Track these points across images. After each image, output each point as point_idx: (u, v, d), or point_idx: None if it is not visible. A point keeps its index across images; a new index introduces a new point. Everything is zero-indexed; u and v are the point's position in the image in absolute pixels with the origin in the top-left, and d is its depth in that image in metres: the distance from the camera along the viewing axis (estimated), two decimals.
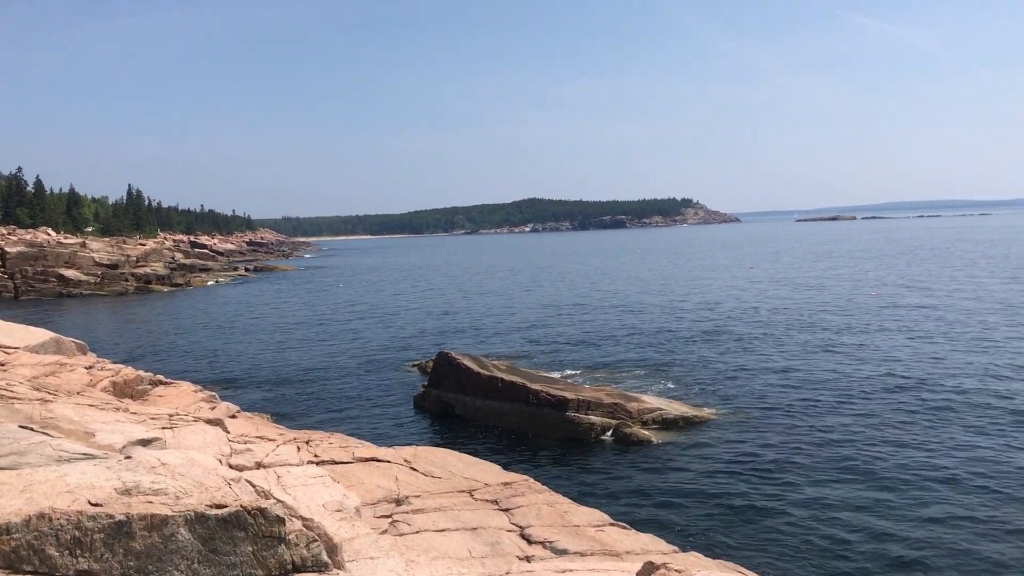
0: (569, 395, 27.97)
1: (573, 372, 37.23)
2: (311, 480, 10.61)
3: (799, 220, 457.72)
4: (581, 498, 17.19)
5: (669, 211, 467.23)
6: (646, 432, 26.57)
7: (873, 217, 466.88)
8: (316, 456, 12.79)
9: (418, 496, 11.58)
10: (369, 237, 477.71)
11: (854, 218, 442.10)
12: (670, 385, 33.90)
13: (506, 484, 12.66)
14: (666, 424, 27.34)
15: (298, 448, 13.03)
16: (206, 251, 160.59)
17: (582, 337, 47.85)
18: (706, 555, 12.03)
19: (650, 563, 6.01)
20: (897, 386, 31.68)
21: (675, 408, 28.59)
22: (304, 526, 5.13)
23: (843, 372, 34.72)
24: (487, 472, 13.38)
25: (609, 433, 26.65)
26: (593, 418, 27.05)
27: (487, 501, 11.79)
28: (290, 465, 11.55)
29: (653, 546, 11.04)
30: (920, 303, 56.46)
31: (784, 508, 19.85)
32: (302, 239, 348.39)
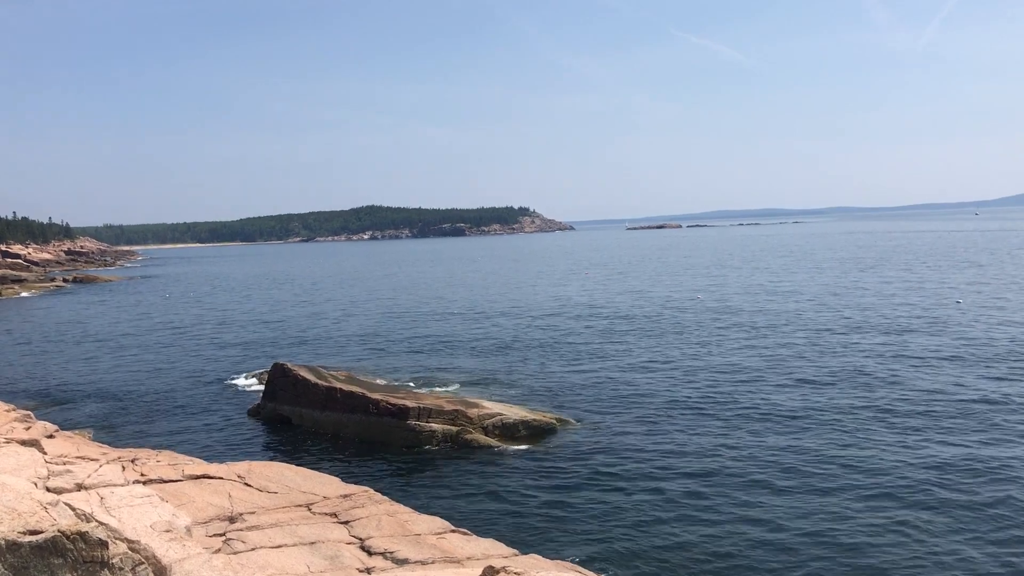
0: (410, 403, 27.84)
1: (415, 380, 37.10)
2: (137, 500, 10.09)
3: (629, 228, 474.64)
4: (423, 507, 17.15)
5: (507, 219, 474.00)
6: (487, 438, 26.79)
7: (698, 225, 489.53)
8: (143, 475, 12.17)
9: (253, 512, 11.23)
10: (199, 245, 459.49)
11: (680, 226, 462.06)
12: (512, 391, 34.33)
13: (345, 496, 12.47)
14: (507, 429, 27.63)
15: (123, 468, 12.36)
16: (19, 261, 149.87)
17: (424, 345, 47.75)
18: (546, 557, 12.28)
19: (490, 567, 6.08)
20: (727, 387, 33.33)
21: (515, 413, 28.94)
22: (130, 549, 4.89)
23: (677, 375, 36.21)
24: (326, 485, 13.14)
25: (450, 440, 26.70)
26: (434, 426, 27.04)
27: (326, 514, 11.58)
28: (114, 485, 10.94)
29: (494, 550, 11.16)
30: (741, 306, 59.62)
31: (622, 508, 20.47)
32: (126, 248, 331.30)
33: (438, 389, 34.59)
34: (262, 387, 33.88)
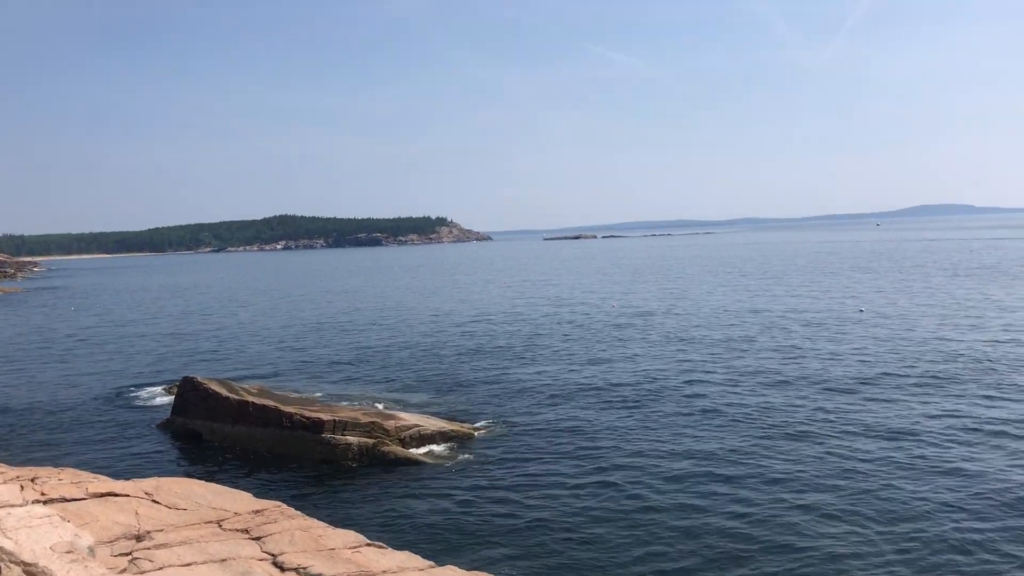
0: (324, 416, 27.45)
1: (331, 392, 36.60)
2: (36, 521, 9.70)
3: (546, 239, 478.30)
4: (337, 521, 16.92)
5: (425, 229, 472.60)
6: (404, 450, 26.61)
7: (612, 236, 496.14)
8: (43, 495, 11.71)
9: (161, 530, 10.92)
10: (106, 256, 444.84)
11: (595, 237, 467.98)
12: (431, 401, 34.19)
13: (257, 512, 12.23)
14: (425, 440, 27.49)
15: (21, 487, 11.87)
16: None
17: (342, 356, 47.19)
18: (463, 568, 12.25)
19: None
20: (642, 391, 33.82)
21: (434, 424, 28.83)
22: (26, 572, 4.70)
23: (594, 381, 36.58)
24: (237, 500, 12.86)
25: (366, 453, 26.43)
26: (350, 438, 26.72)
27: (237, 531, 11.33)
28: (11, 506, 10.49)
29: (410, 563, 11.09)
30: (653, 312, 60.66)
31: (539, 516, 20.56)
32: (28, 259, 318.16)
33: (355, 401, 34.21)
34: (172, 401, 32.97)
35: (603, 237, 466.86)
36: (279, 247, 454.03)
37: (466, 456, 26.16)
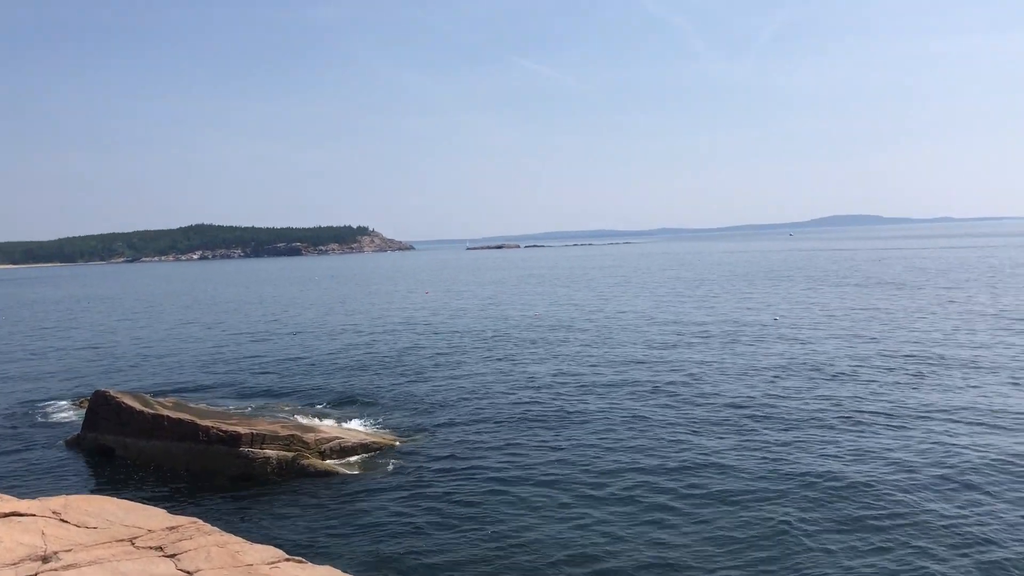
0: (242, 429, 26.91)
1: (251, 405, 35.89)
2: None
3: (469, 248, 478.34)
4: (256, 536, 16.62)
5: (345, 238, 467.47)
6: (325, 463, 26.27)
7: (536, 245, 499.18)
8: None
9: (69, 550, 10.56)
10: (11, 267, 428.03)
11: (518, 246, 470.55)
12: (352, 412, 33.83)
13: (172, 528, 11.92)
14: (346, 452, 27.19)
15: None
16: None
17: (262, 368, 46.34)
18: None
19: None
20: (564, 398, 34.05)
21: (354, 436, 28.55)
22: None
23: (517, 389, 36.69)
24: (150, 517, 12.51)
25: (286, 467, 25.99)
26: (269, 452, 26.25)
27: (151, 548, 11.03)
28: None
29: None
30: (575, 320, 61.21)
31: (461, 526, 20.53)
32: None
33: (274, 414, 33.61)
34: (82, 416, 31.90)
35: (526, 247, 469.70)
36: (196, 257, 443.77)
37: (388, 467, 25.96)
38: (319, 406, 35.46)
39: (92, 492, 21.20)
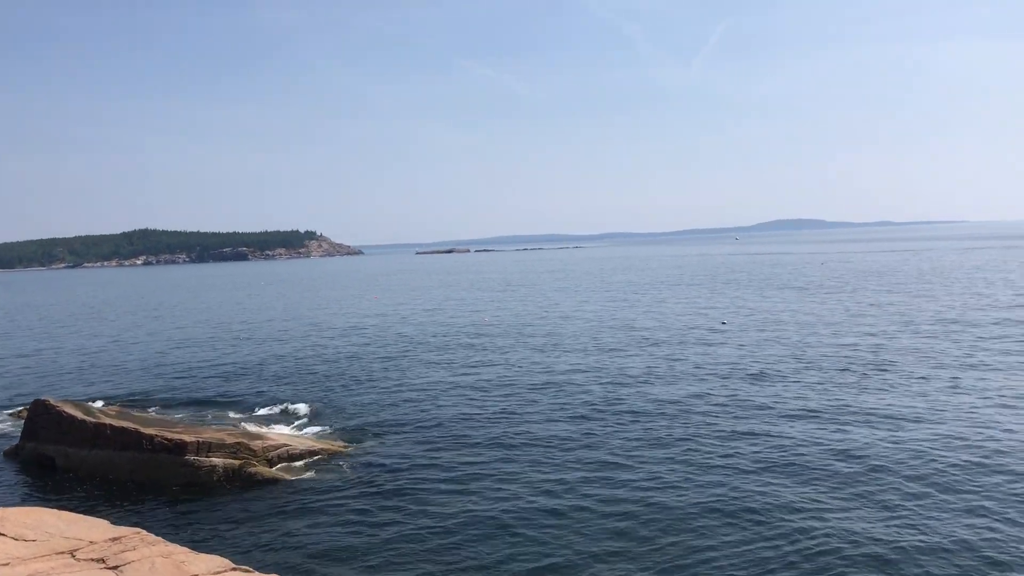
0: (187, 438, 26.47)
1: (196, 412, 35.31)
2: None
3: (419, 253, 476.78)
4: (202, 546, 16.38)
5: (293, 243, 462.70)
6: (272, 470, 25.96)
7: (485, 250, 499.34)
8: None
9: (7, 564, 10.28)
10: None
11: (468, 251, 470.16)
12: (300, 418, 33.51)
13: (115, 539, 11.68)
14: (294, 459, 26.92)
15: None
16: None
17: (208, 374, 45.61)
18: None
19: None
20: (513, 401, 34.08)
21: (302, 443, 28.26)
22: None
23: (466, 393, 36.62)
24: (92, 528, 12.25)
25: (233, 475, 25.63)
26: (215, 460, 25.86)
27: (92, 560, 10.80)
28: None
29: None
30: (525, 324, 61.32)
31: (413, 532, 20.43)
32: None
33: (221, 421, 33.13)
34: (21, 426, 31.08)
35: (476, 251, 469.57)
36: (139, 262, 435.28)
37: (336, 473, 25.74)
38: (266, 413, 35.03)
39: (31, 504, 20.64)
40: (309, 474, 25.89)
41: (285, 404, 36.42)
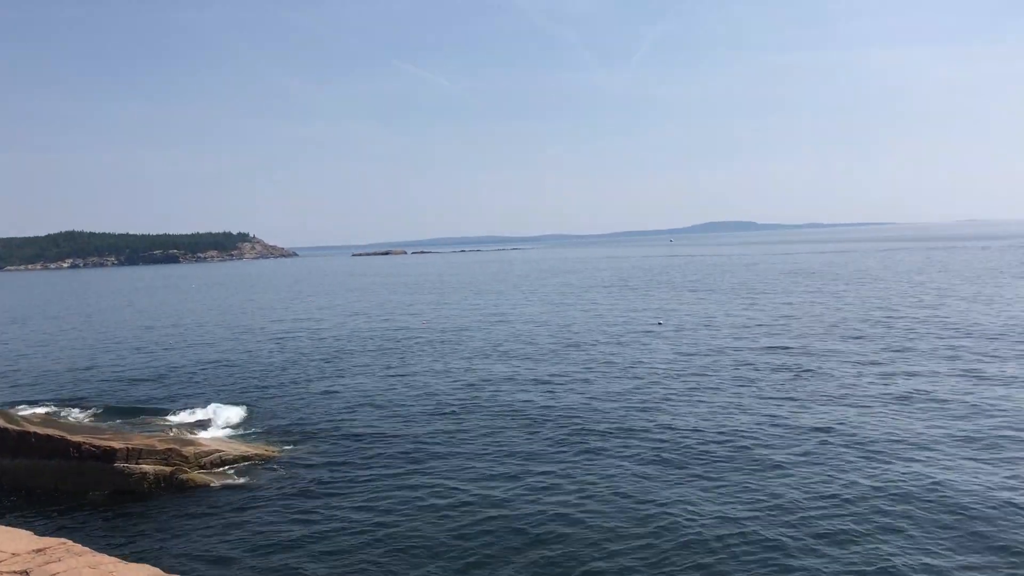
0: (117, 444, 25.83)
1: (127, 418, 34.47)
2: None
3: (355, 255, 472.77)
4: (132, 555, 16.00)
5: (225, 245, 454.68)
6: (205, 477, 25.49)
7: (423, 252, 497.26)
8: None
9: None
10: None
11: (405, 252, 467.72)
12: (234, 423, 32.95)
13: (39, 551, 11.33)
14: (226, 465, 26.47)
15: None
16: None
17: (138, 377, 44.59)
18: None
19: None
20: (448, 405, 34.01)
21: (236, 448, 27.80)
22: None
23: (404, 398, 36.40)
24: (15, 540, 11.86)
25: (164, 482, 25.09)
26: (145, 467, 25.29)
27: (15, 573, 10.46)
28: None
29: None
30: (461, 327, 61.28)
31: (348, 538, 20.25)
32: None
33: (151, 427, 32.40)
34: None
35: (413, 253, 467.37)
36: (66, 265, 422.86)
37: (270, 478, 25.38)
38: (198, 418, 34.34)
39: None
40: (242, 479, 25.48)
41: (218, 408, 35.75)
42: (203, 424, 33.08)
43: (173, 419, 34.19)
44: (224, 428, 32.34)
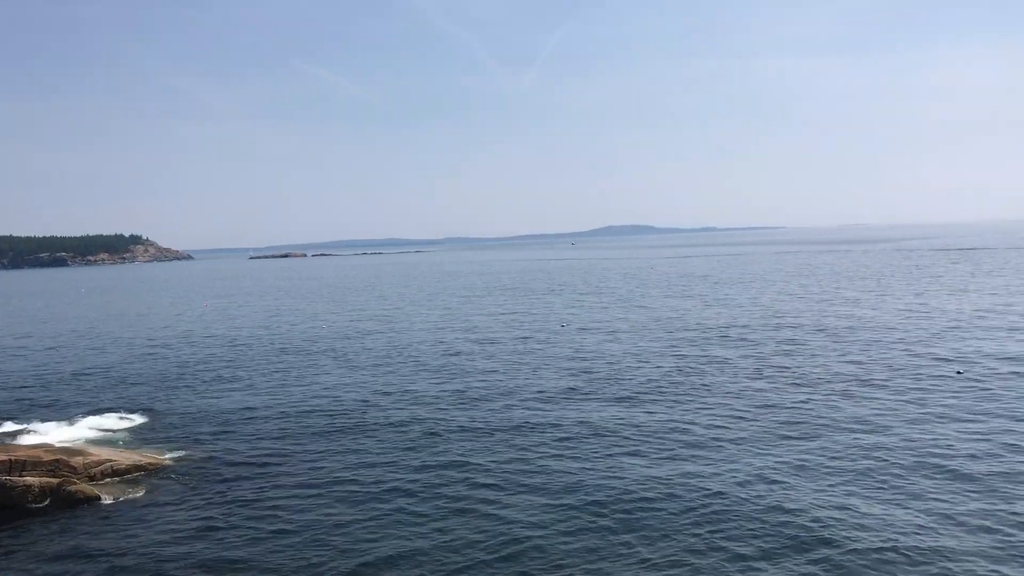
0: None
1: (10, 428, 32.83)
2: None
3: (252, 257, 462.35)
4: (15, 570, 15.31)
5: (117, 247, 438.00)
6: (95, 488, 24.54)
7: (323, 254, 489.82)
8: None
9: None
10: None
11: (305, 255, 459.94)
12: (125, 432, 31.89)
13: None
14: (118, 475, 25.56)
15: None
16: None
17: (22, 385, 42.67)
18: None
19: None
20: (354, 410, 33.63)
21: (128, 457, 26.87)
22: None
23: (299, 403, 35.81)
24: None
25: (51, 494, 24.03)
26: (30, 479, 24.17)
27: None
28: None
29: None
30: (364, 331, 60.59)
31: (239, 545, 19.83)
32: None
33: (37, 436, 30.99)
34: None
35: (313, 256, 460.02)
36: None
37: (164, 488, 24.64)
38: (88, 427, 33.06)
39: None
40: (135, 490, 24.65)
41: (109, 417, 34.52)
42: (94, 434, 31.86)
43: (60, 429, 32.79)
44: (116, 437, 31.22)
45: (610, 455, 26.27)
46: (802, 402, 32.64)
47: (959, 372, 36.83)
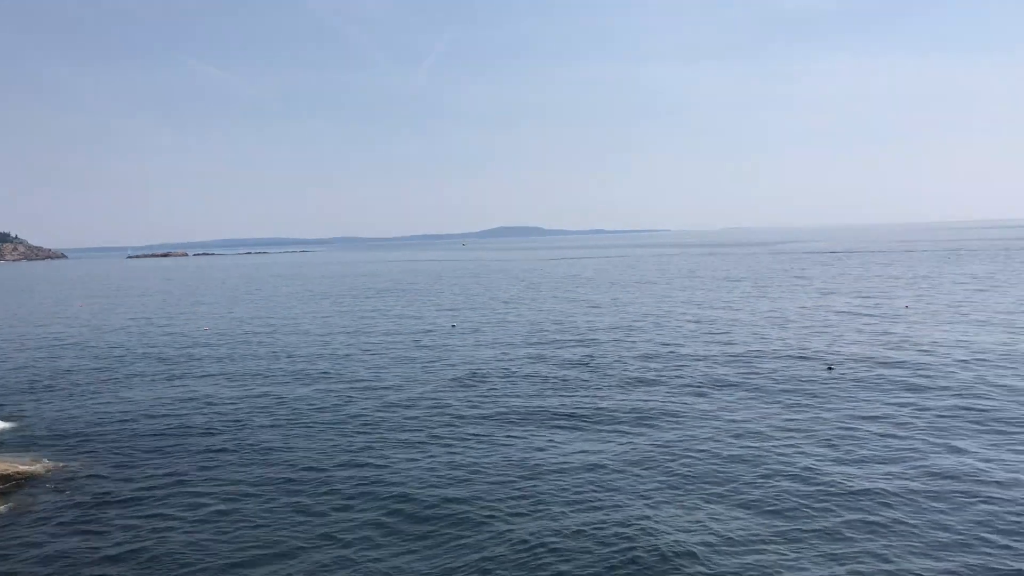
0: None
1: None
2: None
3: (131, 256, 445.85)
4: None
5: None
6: None
7: (205, 254, 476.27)
8: None
9: None
10: None
11: (186, 254, 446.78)
12: None
13: None
14: None
15: None
16: None
17: None
18: None
19: None
20: (243, 414, 32.73)
21: None
22: None
23: (184, 409, 34.62)
24: None
25: None
26: None
27: None
28: None
29: None
30: (249, 332, 59.15)
31: (122, 559, 19.02)
32: None
33: None
34: None
35: (195, 255, 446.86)
36: None
37: (38, 500, 23.39)
38: None
39: None
40: (5, 502, 23.28)
41: None
42: None
43: None
44: None
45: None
46: (658, 400, 33.49)
47: (830, 368, 38.55)
